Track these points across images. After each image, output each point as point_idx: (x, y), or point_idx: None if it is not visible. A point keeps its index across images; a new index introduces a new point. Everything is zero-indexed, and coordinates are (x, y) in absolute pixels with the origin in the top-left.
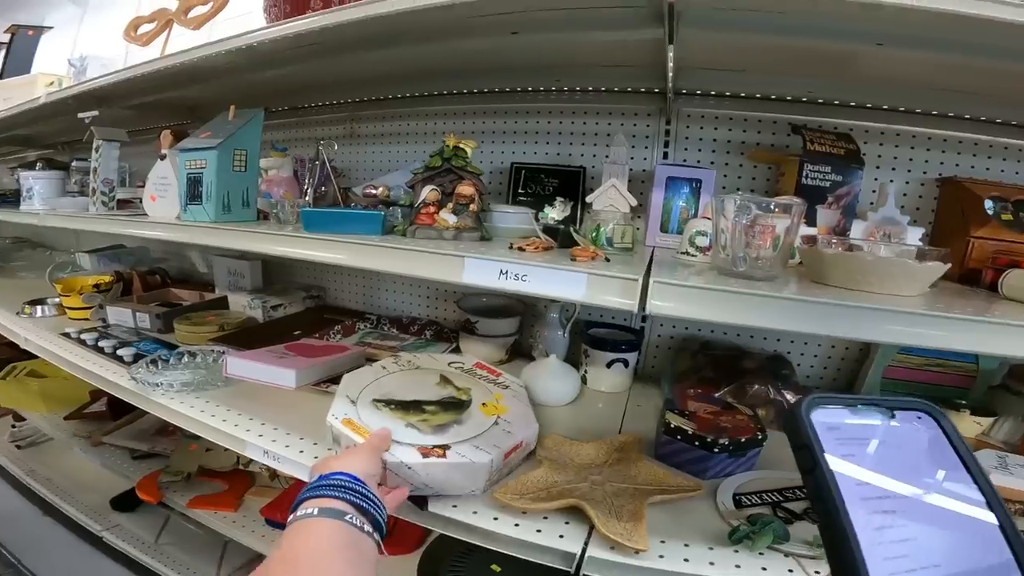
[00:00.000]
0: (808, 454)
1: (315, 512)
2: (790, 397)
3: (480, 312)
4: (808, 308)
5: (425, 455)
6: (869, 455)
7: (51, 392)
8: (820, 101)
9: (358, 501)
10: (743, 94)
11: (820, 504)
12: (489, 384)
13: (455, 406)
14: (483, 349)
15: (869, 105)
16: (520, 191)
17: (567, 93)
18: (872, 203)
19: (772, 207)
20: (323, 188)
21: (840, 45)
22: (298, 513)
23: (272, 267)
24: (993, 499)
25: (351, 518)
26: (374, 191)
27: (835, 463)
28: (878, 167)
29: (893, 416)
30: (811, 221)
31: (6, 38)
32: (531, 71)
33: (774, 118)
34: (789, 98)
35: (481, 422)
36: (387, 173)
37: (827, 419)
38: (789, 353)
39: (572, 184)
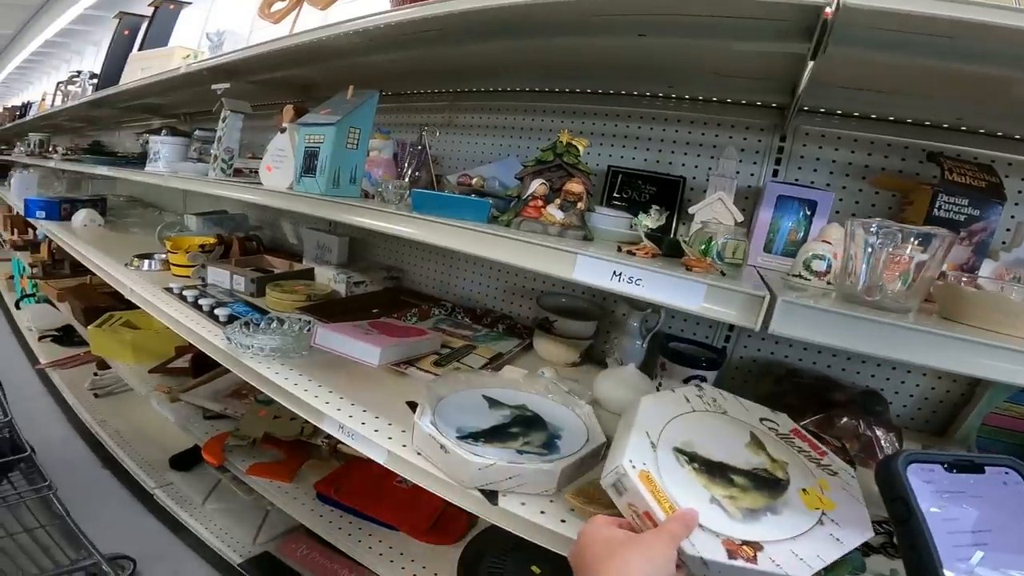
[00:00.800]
0: (903, 506)
1: None
2: (881, 434)
3: (559, 311)
4: (957, 345)
5: (732, 554)
6: (959, 507)
7: (141, 344)
8: (963, 129)
9: None
10: (874, 115)
11: (914, 553)
12: (810, 463)
13: (770, 485)
14: (558, 349)
15: (1018, 136)
16: (615, 195)
17: (675, 100)
18: (1004, 242)
19: (914, 237)
20: (418, 173)
21: (1009, 73)
22: None
23: (356, 244)
24: None
25: None
26: (469, 180)
27: (929, 515)
28: (1016, 204)
29: (982, 471)
30: None
31: (149, 11)
32: (644, 75)
33: (905, 143)
34: (928, 123)
35: (802, 516)
36: (480, 164)
37: (921, 474)
38: (883, 389)
39: (669, 193)
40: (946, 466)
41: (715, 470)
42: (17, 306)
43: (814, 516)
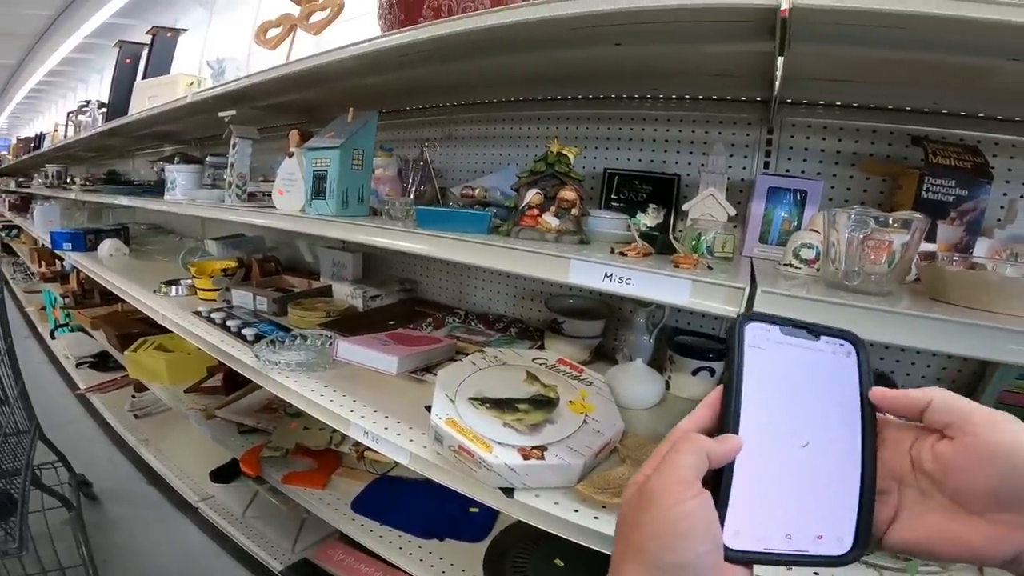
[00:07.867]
0: (730, 352)
1: None
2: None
3: (567, 313)
4: (928, 324)
5: (526, 457)
6: (778, 356)
7: (175, 366)
8: (944, 112)
9: None
10: (856, 104)
11: (727, 390)
12: (573, 381)
13: (545, 404)
14: (568, 349)
15: (1000, 117)
16: (613, 197)
17: (663, 101)
18: (999, 220)
19: (891, 222)
20: (422, 187)
21: (969, 60)
22: None
23: (370, 259)
24: (868, 415)
25: None
26: (471, 192)
27: (750, 357)
28: (1008, 182)
29: (818, 338)
30: (930, 237)
31: (147, 39)
32: (628, 79)
33: (890, 128)
34: (909, 108)
35: (571, 421)
36: (482, 175)
37: (760, 331)
38: (893, 372)
39: (665, 191)
40: (783, 328)
41: (503, 404)
42: (52, 336)
43: (580, 419)
